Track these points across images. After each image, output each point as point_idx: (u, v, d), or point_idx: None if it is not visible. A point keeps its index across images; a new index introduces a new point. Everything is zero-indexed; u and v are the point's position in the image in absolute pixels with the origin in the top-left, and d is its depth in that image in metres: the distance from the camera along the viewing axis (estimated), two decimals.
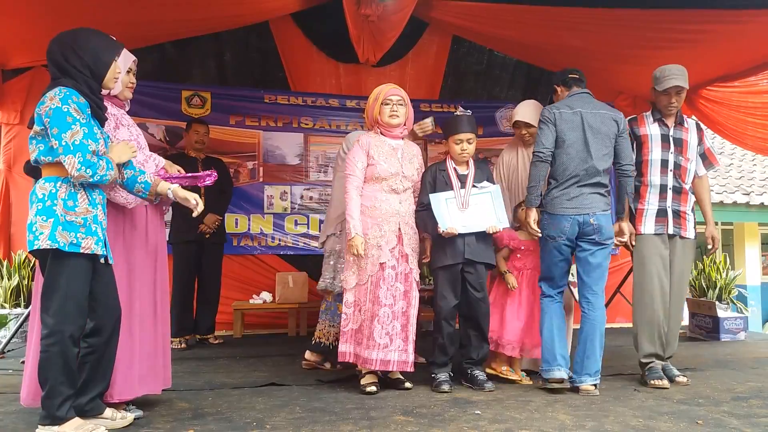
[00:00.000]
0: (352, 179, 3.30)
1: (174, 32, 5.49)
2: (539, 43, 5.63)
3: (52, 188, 2.34)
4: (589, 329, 3.27)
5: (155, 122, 5.60)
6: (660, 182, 3.53)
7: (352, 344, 3.28)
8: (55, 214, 2.31)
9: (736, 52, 4.83)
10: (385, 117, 3.39)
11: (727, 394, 3.21)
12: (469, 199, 3.41)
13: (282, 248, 5.88)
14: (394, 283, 3.28)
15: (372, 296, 3.24)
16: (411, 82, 6.27)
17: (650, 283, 3.49)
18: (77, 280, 2.34)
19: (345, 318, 3.30)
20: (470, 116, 3.50)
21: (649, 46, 5.13)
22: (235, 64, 6.04)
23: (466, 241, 3.37)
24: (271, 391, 3.30)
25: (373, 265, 3.26)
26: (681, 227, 3.54)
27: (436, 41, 6.16)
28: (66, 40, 2.45)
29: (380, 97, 3.41)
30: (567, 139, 3.31)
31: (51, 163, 2.36)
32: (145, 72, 5.77)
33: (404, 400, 3.09)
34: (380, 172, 3.32)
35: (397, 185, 3.37)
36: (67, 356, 2.31)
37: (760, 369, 3.64)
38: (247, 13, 5.34)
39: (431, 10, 5.42)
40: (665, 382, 3.38)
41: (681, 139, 3.56)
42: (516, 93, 6.51)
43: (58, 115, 2.30)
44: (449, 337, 3.41)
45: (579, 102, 3.41)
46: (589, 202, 3.27)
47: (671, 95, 3.51)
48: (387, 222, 3.31)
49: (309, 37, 5.96)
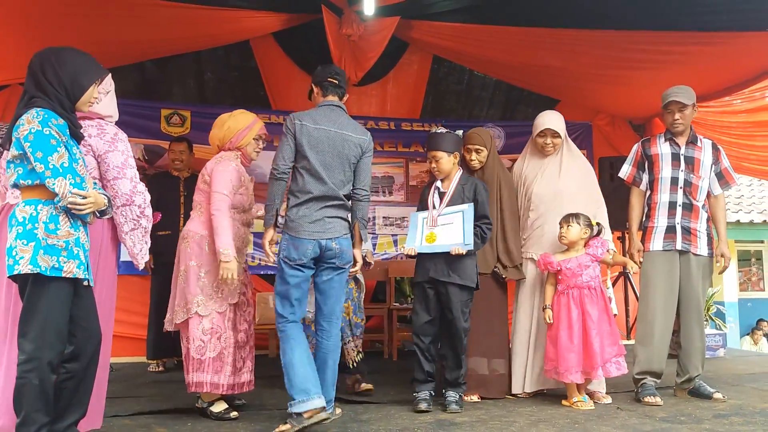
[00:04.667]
0: (225, 199, 3.13)
1: (154, 51, 5.47)
2: (519, 64, 5.70)
3: (32, 211, 2.26)
4: (321, 358, 3.00)
5: (134, 141, 5.48)
6: (669, 199, 3.57)
7: (210, 373, 3.08)
8: (36, 238, 2.23)
9: (711, 73, 4.94)
10: (250, 151, 3.34)
11: (708, 412, 3.22)
12: (438, 218, 3.39)
13: (262, 268, 5.82)
14: (244, 308, 3.31)
15: (231, 324, 3.20)
16: (392, 101, 6.31)
17: (653, 300, 3.52)
18: (58, 304, 2.27)
19: (201, 346, 3.09)
20: (441, 133, 3.43)
21: (626, 67, 5.23)
22: (215, 82, 6.02)
23: (434, 260, 3.34)
24: (251, 415, 3.23)
25: (236, 292, 3.21)
26: (691, 243, 3.55)
27: (417, 61, 6.20)
28: (48, 56, 2.41)
29: (254, 130, 3.33)
30: (307, 156, 2.97)
31: (31, 186, 2.29)
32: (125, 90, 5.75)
33: (387, 422, 3.05)
34: (242, 202, 3.28)
35: (249, 219, 3.38)
36: (44, 383, 2.23)
37: (739, 386, 3.66)
38: (227, 33, 5.34)
39: (412, 31, 5.47)
40: (657, 399, 3.39)
41: (693, 157, 3.60)
42: (496, 112, 6.58)
43: (40, 139, 2.24)
44: (421, 352, 3.37)
45: (326, 116, 3.04)
46: (331, 227, 2.98)
47: (673, 112, 3.57)
48: (240, 253, 3.26)
49: (290, 56, 5.95)
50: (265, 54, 5.89)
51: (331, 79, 3.13)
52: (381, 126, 6.16)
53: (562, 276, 3.45)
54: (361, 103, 6.27)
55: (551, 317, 3.44)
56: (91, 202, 2.30)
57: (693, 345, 3.57)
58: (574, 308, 3.40)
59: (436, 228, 3.36)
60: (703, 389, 3.56)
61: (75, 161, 2.35)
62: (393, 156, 6.16)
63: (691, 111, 3.60)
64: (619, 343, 3.45)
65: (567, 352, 3.34)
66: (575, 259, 3.44)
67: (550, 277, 3.52)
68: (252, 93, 6.04)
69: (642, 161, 3.71)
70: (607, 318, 3.44)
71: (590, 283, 3.42)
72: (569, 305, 3.41)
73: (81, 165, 2.39)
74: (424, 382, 3.38)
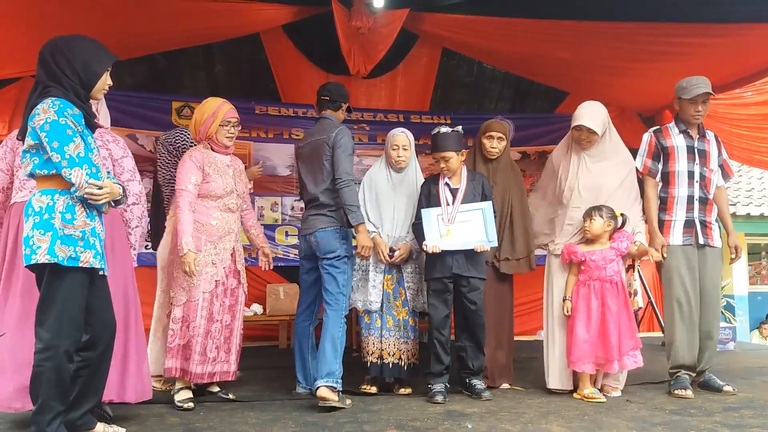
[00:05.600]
0: (185, 194, 3.17)
1: (165, 43, 5.50)
2: (528, 56, 5.69)
3: (49, 201, 2.28)
4: (322, 333, 3.30)
5: (145, 133, 5.58)
6: (687, 193, 3.55)
7: (179, 359, 3.18)
8: (53, 228, 2.25)
9: (721, 65, 4.91)
10: (221, 137, 3.32)
11: (718, 405, 3.22)
12: (456, 215, 3.40)
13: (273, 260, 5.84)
14: (223, 299, 3.29)
15: (206, 312, 3.20)
16: (401, 93, 6.32)
17: (678, 294, 3.51)
18: (74, 294, 2.29)
19: (172, 334, 3.19)
20: (451, 132, 3.44)
21: (635, 59, 5.21)
22: (225, 75, 6.05)
23: (455, 257, 3.38)
24: (263, 405, 3.27)
25: (208, 282, 3.21)
26: (708, 237, 3.56)
27: (426, 53, 6.20)
28: (59, 44, 2.40)
29: (218, 116, 3.29)
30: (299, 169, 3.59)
31: (47, 176, 2.31)
32: (136, 83, 5.80)
33: (398, 413, 3.08)
34: (215, 189, 3.26)
35: (232, 204, 3.34)
36: (60, 371, 2.26)
37: (750, 379, 3.66)
38: (238, 25, 5.36)
39: (421, 23, 5.46)
40: (689, 392, 3.39)
41: (704, 150, 3.59)
42: (505, 105, 6.57)
43: (56, 128, 2.25)
44: (441, 345, 3.42)
45: (314, 130, 3.53)
46: (311, 224, 3.39)
47: (698, 103, 3.54)
48: (222, 240, 3.27)
49: (300, 48, 5.97)
50: (275, 46, 5.91)
51: (323, 97, 3.54)
52: (390, 118, 6.17)
53: (586, 267, 3.42)
54: (371, 96, 6.30)
55: (570, 309, 3.44)
56: (107, 191, 2.32)
57: (708, 338, 3.57)
58: (594, 300, 3.38)
59: (453, 225, 3.38)
60: (713, 382, 3.57)
61: (90, 151, 2.36)
62: None
63: (709, 103, 3.59)
64: (636, 336, 3.44)
65: (581, 342, 3.34)
66: (600, 252, 3.42)
67: (573, 267, 3.49)
68: (262, 85, 6.07)
69: (657, 152, 3.65)
70: (627, 312, 3.43)
71: (613, 277, 3.40)
72: (589, 296, 3.39)
73: (96, 154, 2.41)
74: (440, 375, 3.43)
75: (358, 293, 3.56)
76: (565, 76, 6.09)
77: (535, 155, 6.40)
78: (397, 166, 3.63)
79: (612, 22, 4.81)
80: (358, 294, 3.56)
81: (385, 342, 3.51)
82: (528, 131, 6.18)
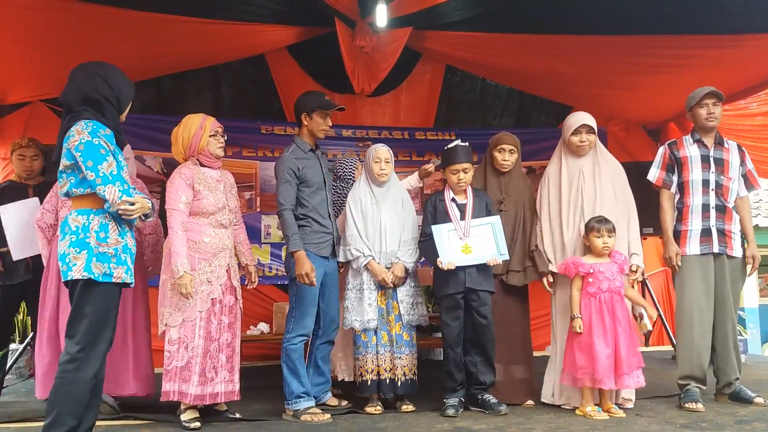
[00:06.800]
0: (177, 214, 3.17)
1: (171, 66, 5.57)
2: (531, 71, 5.72)
3: (84, 221, 2.41)
4: None
5: (152, 155, 5.62)
6: (702, 202, 3.54)
7: (177, 382, 3.14)
8: (88, 246, 2.38)
9: (725, 76, 4.91)
10: (214, 149, 3.33)
11: (730, 418, 3.19)
12: (470, 229, 3.42)
13: (279, 278, 5.86)
14: (221, 317, 3.26)
15: (204, 332, 3.19)
16: (406, 111, 6.35)
17: (690, 304, 3.49)
18: (106, 308, 2.42)
19: (169, 356, 3.15)
20: (466, 146, 3.54)
21: (639, 72, 5.22)
22: (231, 96, 6.10)
23: (467, 271, 3.40)
24: (270, 424, 3.26)
25: (204, 301, 3.20)
26: (727, 246, 3.54)
27: (430, 71, 6.23)
28: (94, 71, 2.54)
29: (207, 128, 3.32)
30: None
31: (83, 195, 2.45)
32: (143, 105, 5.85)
33: (405, 430, 3.06)
34: (207, 206, 3.25)
35: (224, 220, 3.32)
36: (81, 385, 2.34)
37: (762, 391, 3.61)
38: (243, 46, 5.42)
39: (424, 41, 5.51)
40: (699, 406, 3.36)
41: (722, 159, 3.58)
42: (509, 120, 6.59)
43: (90, 148, 2.39)
44: (455, 363, 3.44)
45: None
46: None
47: (708, 106, 3.55)
48: (216, 257, 3.26)
49: (305, 68, 6.02)
50: (280, 67, 5.97)
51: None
52: (395, 136, 6.20)
53: (594, 279, 3.35)
54: (375, 114, 6.33)
55: (581, 326, 3.33)
56: (139, 207, 2.47)
57: (729, 348, 3.54)
58: (606, 313, 3.31)
59: (468, 239, 3.39)
60: (744, 393, 3.53)
61: (121, 168, 2.48)
62: (407, 165, 6.15)
63: (721, 109, 3.59)
64: (639, 353, 3.38)
65: (605, 357, 3.24)
66: (606, 264, 3.38)
67: (577, 281, 3.41)
68: (268, 106, 6.12)
69: (671, 164, 3.67)
70: (631, 328, 3.39)
71: (621, 289, 3.37)
72: (601, 309, 3.31)
73: (126, 172, 2.53)
74: (455, 390, 3.44)
75: (354, 313, 3.54)
76: (568, 91, 6.11)
77: (541, 169, 6.35)
78: (380, 179, 3.63)
79: (614, 36, 4.83)
80: (354, 314, 3.54)
81: (381, 358, 3.50)
82: (533, 146, 6.17)
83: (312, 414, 3.31)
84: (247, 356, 5.45)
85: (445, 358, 3.56)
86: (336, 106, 3.64)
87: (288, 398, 3.39)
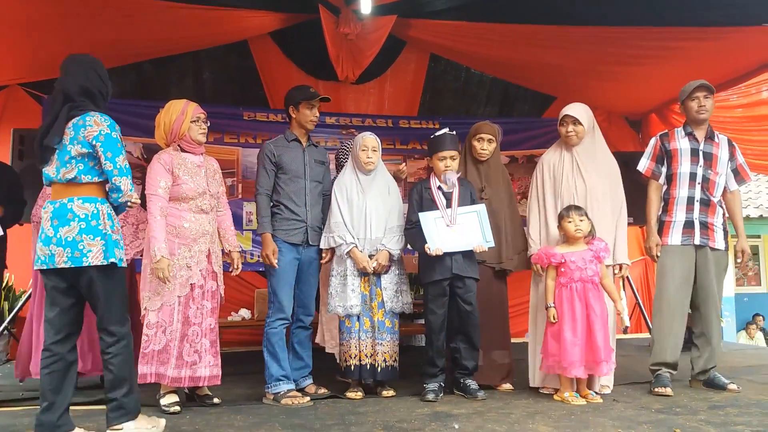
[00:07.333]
0: (155, 199, 3.16)
1: (152, 51, 5.51)
2: (515, 61, 5.74)
3: (93, 209, 2.53)
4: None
5: (132, 140, 5.55)
6: (687, 195, 3.59)
7: (154, 365, 3.15)
8: (102, 233, 2.52)
9: (707, 68, 4.94)
10: (195, 134, 3.31)
11: (704, 403, 3.25)
12: (456, 217, 3.44)
13: (261, 265, 5.75)
14: (202, 302, 3.26)
15: (182, 316, 3.19)
16: (390, 99, 6.34)
17: (668, 292, 3.56)
18: (124, 288, 2.67)
19: (146, 339, 3.16)
20: (453, 135, 3.56)
21: (622, 63, 5.27)
22: (214, 82, 6.06)
23: (454, 258, 3.43)
24: (250, 408, 3.27)
25: (183, 286, 3.19)
26: (709, 238, 3.59)
27: (414, 59, 6.23)
28: (87, 64, 2.65)
29: (188, 113, 3.30)
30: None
31: (89, 183, 2.55)
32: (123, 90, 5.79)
33: (384, 414, 3.08)
34: (186, 191, 3.23)
35: (205, 205, 3.31)
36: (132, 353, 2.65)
37: (735, 378, 3.68)
38: (225, 32, 5.38)
39: (409, 29, 5.50)
40: (668, 390, 3.44)
41: (711, 153, 3.62)
42: (493, 109, 6.61)
43: (110, 140, 2.53)
44: (437, 349, 3.48)
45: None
46: None
47: (699, 99, 3.59)
48: (196, 242, 3.25)
49: (288, 55, 5.99)
50: (263, 53, 5.93)
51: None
52: (379, 123, 6.19)
53: (566, 269, 3.38)
54: (359, 101, 6.32)
55: (556, 316, 3.38)
56: (137, 199, 2.66)
57: (712, 337, 3.61)
58: (577, 302, 3.34)
59: (455, 226, 3.42)
60: (718, 380, 3.59)
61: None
62: (391, 153, 6.17)
63: (712, 102, 3.63)
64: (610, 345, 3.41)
65: (572, 346, 3.29)
66: (579, 253, 3.40)
67: (551, 271, 3.45)
68: (250, 92, 6.08)
69: (661, 155, 3.72)
70: (606, 315, 3.41)
71: (594, 278, 3.38)
72: (572, 299, 3.35)
73: None
74: (435, 376, 3.48)
75: (338, 299, 3.56)
76: (552, 81, 6.14)
77: (524, 159, 6.43)
78: (367, 168, 3.63)
79: (598, 26, 4.86)
80: (337, 299, 3.56)
81: (363, 344, 3.52)
82: (516, 135, 6.21)
83: (292, 397, 3.33)
84: (228, 342, 5.47)
85: (427, 344, 3.59)
86: (320, 96, 3.66)
87: (268, 381, 3.43)
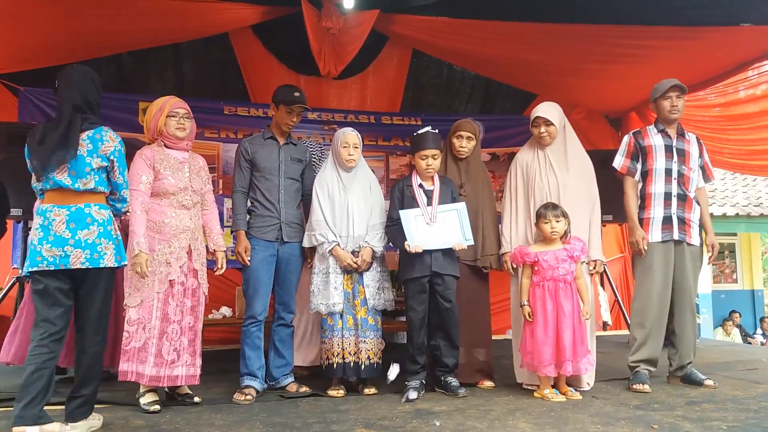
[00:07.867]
0: (136, 194, 3.11)
1: (132, 43, 5.41)
2: (497, 58, 5.75)
3: (106, 215, 2.74)
4: None
5: None
6: (664, 190, 3.63)
7: (134, 363, 3.10)
8: (114, 237, 2.74)
9: (685, 67, 5.02)
10: (172, 129, 3.27)
11: (681, 399, 3.29)
12: (437, 215, 3.44)
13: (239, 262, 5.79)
14: (182, 299, 3.22)
15: (161, 313, 3.15)
16: (372, 94, 6.32)
17: (650, 289, 3.59)
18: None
19: (127, 336, 3.11)
20: (435, 133, 3.55)
21: (603, 61, 5.31)
22: (194, 75, 5.99)
23: (433, 255, 3.43)
24: (230, 407, 3.24)
25: (162, 282, 3.15)
26: (686, 234, 3.63)
27: (397, 55, 6.21)
28: (89, 75, 2.82)
29: (165, 108, 3.27)
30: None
31: (104, 192, 2.76)
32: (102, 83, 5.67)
33: (366, 412, 3.08)
34: (168, 186, 3.21)
35: (187, 201, 3.27)
36: None
37: (711, 374, 3.74)
38: (205, 25, 5.30)
39: (392, 24, 5.48)
40: (646, 387, 3.46)
41: (684, 149, 3.68)
42: (475, 106, 6.63)
43: (122, 156, 2.80)
44: (418, 347, 3.48)
45: None
46: None
47: (672, 98, 3.64)
48: (177, 238, 3.21)
49: (269, 49, 5.93)
50: (244, 47, 5.86)
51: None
52: (361, 119, 6.17)
53: (539, 268, 3.43)
54: (341, 97, 6.29)
55: (531, 314, 3.42)
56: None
57: (686, 333, 3.65)
58: (549, 301, 3.37)
59: (435, 224, 3.42)
60: (694, 376, 3.64)
61: None
62: (373, 150, 6.16)
63: (684, 102, 3.68)
64: (587, 343, 3.42)
65: (542, 345, 3.33)
66: (552, 252, 3.43)
67: (526, 270, 3.48)
68: (231, 86, 6.02)
69: (636, 152, 3.75)
70: (579, 315, 3.41)
71: (566, 277, 3.40)
72: (544, 298, 3.39)
73: None
74: (417, 373, 3.48)
75: (320, 296, 3.54)
76: (533, 78, 6.17)
77: (505, 156, 6.46)
78: (348, 165, 3.61)
79: (579, 24, 4.88)
80: (320, 297, 3.54)
81: (346, 342, 3.51)
82: (497, 132, 6.24)
83: (242, 393, 3.39)
84: (209, 340, 5.42)
85: (408, 342, 3.60)
86: (297, 101, 3.67)
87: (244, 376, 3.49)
